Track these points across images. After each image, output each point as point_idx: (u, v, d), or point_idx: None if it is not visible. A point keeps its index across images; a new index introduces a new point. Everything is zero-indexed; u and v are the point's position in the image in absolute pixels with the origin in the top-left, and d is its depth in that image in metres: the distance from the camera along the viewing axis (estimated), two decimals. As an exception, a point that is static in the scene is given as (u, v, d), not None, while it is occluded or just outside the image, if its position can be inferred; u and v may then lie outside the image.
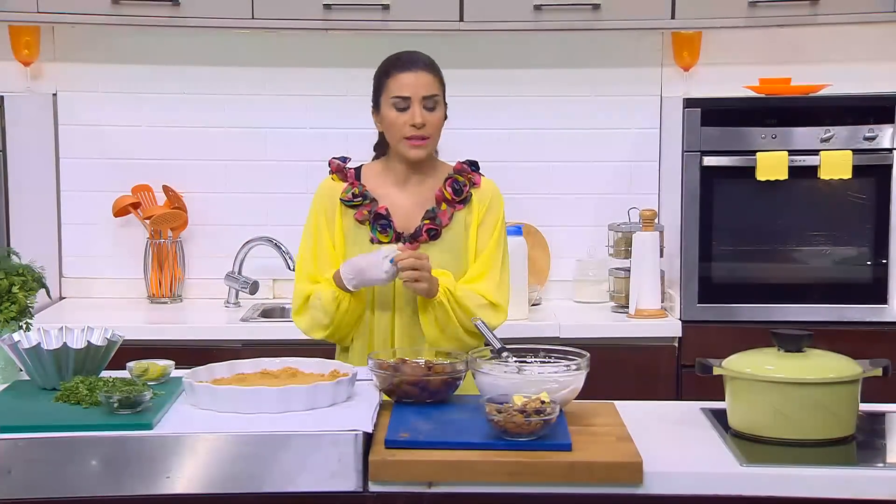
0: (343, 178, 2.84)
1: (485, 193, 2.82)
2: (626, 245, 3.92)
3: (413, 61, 2.76)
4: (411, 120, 2.72)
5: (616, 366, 3.55)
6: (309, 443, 2.11)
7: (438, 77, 2.78)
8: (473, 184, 2.82)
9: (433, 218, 2.78)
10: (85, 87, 4.13)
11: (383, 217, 2.77)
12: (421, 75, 2.74)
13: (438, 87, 2.77)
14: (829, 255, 3.75)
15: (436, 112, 2.75)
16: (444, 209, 2.79)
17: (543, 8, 3.75)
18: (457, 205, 2.80)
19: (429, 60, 2.79)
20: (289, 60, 4.14)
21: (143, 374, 2.47)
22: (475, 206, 2.81)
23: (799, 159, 3.65)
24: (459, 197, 2.80)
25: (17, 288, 2.65)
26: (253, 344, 3.62)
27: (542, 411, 2.15)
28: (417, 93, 2.72)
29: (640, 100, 4.14)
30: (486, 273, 2.77)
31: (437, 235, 2.78)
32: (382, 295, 2.76)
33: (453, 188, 2.80)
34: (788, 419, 2.27)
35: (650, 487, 2.10)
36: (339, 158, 2.88)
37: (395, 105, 2.74)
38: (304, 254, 2.81)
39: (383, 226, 2.77)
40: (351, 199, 2.80)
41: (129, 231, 4.17)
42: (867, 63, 4.04)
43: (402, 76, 2.74)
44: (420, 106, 2.72)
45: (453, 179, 2.81)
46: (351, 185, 2.81)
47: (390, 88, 2.75)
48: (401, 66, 2.76)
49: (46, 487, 2.09)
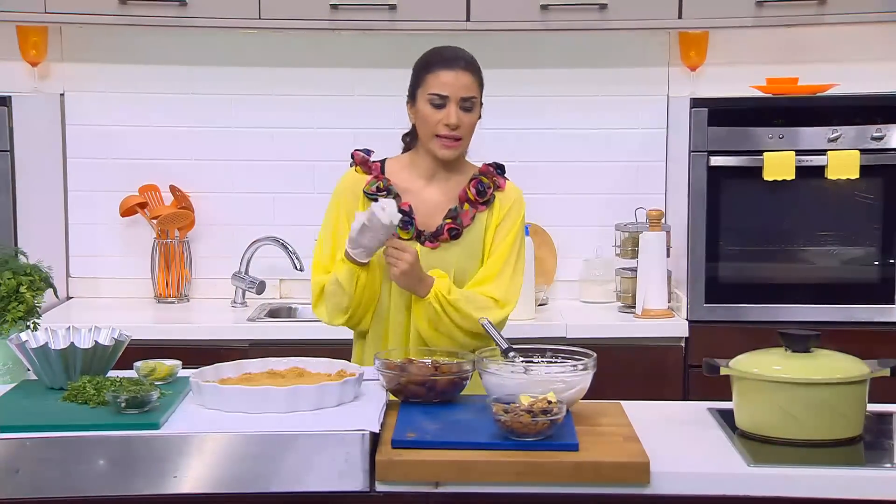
0: (367, 171, 2.81)
1: (507, 197, 2.80)
2: (632, 245, 3.92)
3: (455, 59, 2.72)
4: (446, 119, 2.69)
5: (623, 366, 3.55)
6: (316, 443, 2.11)
7: (478, 78, 2.75)
8: (498, 187, 2.80)
9: (455, 217, 2.76)
10: (92, 87, 4.14)
11: (406, 214, 2.75)
12: (461, 75, 2.70)
13: (477, 88, 2.74)
14: (836, 255, 3.75)
15: (472, 113, 2.72)
16: (466, 209, 2.77)
17: (550, 8, 3.75)
18: (479, 206, 2.78)
19: (471, 59, 2.76)
20: (296, 60, 4.14)
21: (150, 374, 2.47)
22: (496, 209, 2.78)
23: (806, 159, 3.64)
24: (483, 198, 2.77)
25: (24, 288, 2.65)
26: (260, 344, 3.62)
27: (548, 411, 2.15)
28: (456, 93, 2.69)
29: (646, 99, 4.14)
30: (494, 275, 2.74)
31: (458, 235, 2.76)
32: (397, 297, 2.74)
33: (477, 189, 2.77)
34: (796, 419, 2.26)
35: (657, 487, 2.10)
36: (362, 150, 2.84)
37: (432, 101, 2.71)
38: (322, 246, 2.79)
39: (405, 222, 2.74)
40: (375, 193, 2.77)
41: (137, 231, 4.18)
42: (875, 63, 4.03)
43: (443, 74, 2.70)
44: (457, 106, 2.69)
45: (478, 180, 2.79)
46: (375, 179, 2.79)
47: (429, 84, 2.71)
48: (442, 62, 2.72)
49: (54, 487, 2.09)
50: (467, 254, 2.76)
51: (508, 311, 2.74)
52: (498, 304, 2.72)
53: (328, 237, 2.78)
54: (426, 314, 2.67)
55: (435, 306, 2.64)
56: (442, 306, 2.64)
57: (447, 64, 2.71)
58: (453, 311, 2.65)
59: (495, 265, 2.75)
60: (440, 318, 2.66)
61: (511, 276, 2.76)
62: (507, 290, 2.74)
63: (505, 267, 2.75)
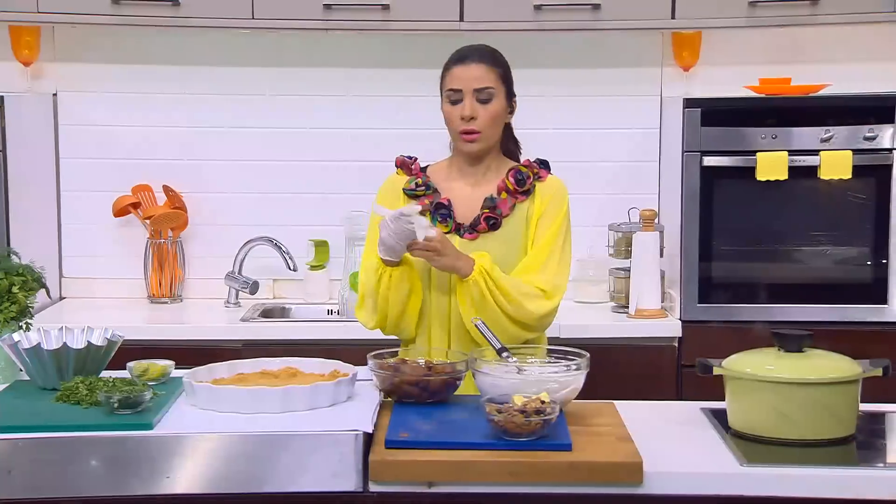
0: (408, 172, 2.82)
1: (549, 187, 2.78)
2: (626, 245, 3.92)
3: (468, 53, 2.74)
4: (462, 112, 2.70)
5: (616, 366, 3.54)
6: (309, 443, 2.11)
7: (495, 69, 2.72)
8: (539, 177, 2.79)
9: (493, 207, 2.74)
10: (85, 87, 4.13)
11: (444, 207, 2.75)
12: (472, 67, 2.70)
13: (495, 79, 2.72)
14: (829, 255, 3.75)
15: (490, 105, 2.71)
16: (504, 198, 2.75)
17: (544, 8, 3.75)
18: (518, 195, 2.75)
19: (486, 52, 2.75)
20: (289, 60, 4.14)
21: (143, 374, 2.47)
22: (538, 199, 2.76)
23: (799, 159, 3.65)
24: (522, 188, 2.75)
25: (17, 288, 2.65)
26: (253, 344, 3.62)
27: (542, 411, 2.15)
28: (469, 85, 2.69)
29: (640, 100, 4.14)
30: (539, 265, 2.70)
31: (496, 225, 2.74)
32: (440, 277, 2.71)
33: (516, 178, 2.76)
34: (788, 419, 2.27)
35: (650, 487, 2.10)
36: (405, 157, 2.86)
37: (449, 98, 2.72)
38: (368, 248, 2.77)
39: (444, 215, 2.74)
40: (414, 189, 2.78)
41: (130, 231, 4.17)
42: (867, 63, 4.03)
43: (455, 69, 2.72)
44: (472, 98, 2.69)
45: (516, 170, 2.77)
46: (415, 177, 2.80)
47: (445, 82, 2.74)
48: (455, 59, 2.74)
49: (47, 487, 2.09)
50: (508, 245, 2.73)
51: (556, 303, 2.70)
52: (546, 295, 2.67)
53: (372, 239, 2.76)
54: (470, 296, 2.62)
55: (480, 284, 2.60)
56: (486, 283, 2.60)
57: (459, 60, 2.73)
58: (498, 292, 2.60)
59: (540, 255, 2.71)
60: (485, 298, 2.60)
61: (557, 266, 2.72)
62: (554, 281, 2.70)
63: (550, 257, 2.71)
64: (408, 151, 2.90)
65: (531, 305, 2.65)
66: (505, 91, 2.75)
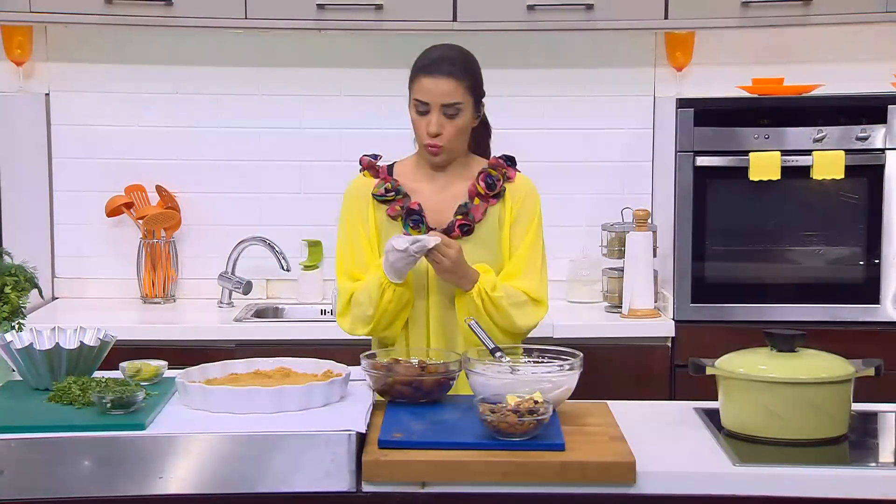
0: (375, 175, 2.81)
1: (519, 189, 2.78)
2: (619, 245, 3.92)
3: (439, 63, 2.68)
4: (427, 127, 2.69)
5: (609, 366, 3.55)
6: (302, 443, 2.11)
7: (464, 82, 2.69)
8: (507, 178, 2.78)
9: (466, 213, 2.74)
10: (78, 86, 4.12)
11: (416, 212, 2.74)
12: (442, 82, 2.66)
13: (463, 93, 2.68)
14: (821, 255, 3.76)
15: (457, 120, 2.69)
16: (476, 204, 2.75)
17: (537, 8, 3.75)
18: (490, 199, 2.76)
19: (456, 62, 2.70)
20: (282, 60, 4.14)
21: (135, 375, 2.46)
22: (508, 202, 2.77)
23: (792, 159, 3.66)
24: (493, 191, 2.75)
25: (9, 288, 2.64)
26: (246, 344, 3.62)
27: (535, 411, 2.15)
28: (437, 100, 2.67)
29: (633, 100, 4.14)
30: (524, 270, 2.73)
31: (469, 231, 2.74)
32: (417, 280, 2.71)
33: (486, 182, 2.75)
34: (781, 419, 2.27)
35: (643, 487, 2.10)
36: (369, 155, 2.84)
37: (416, 108, 2.71)
38: (342, 253, 2.77)
39: (416, 221, 2.74)
40: (383, 194, 2.76)
41: (122, 231, 4.17)
42: (860, 63, 4.04)
43: (424, 80, 2.68)
44: (439, 113, 2.68)
45: (486, 174, 2.77)
46: (383, 181, 2.78)
47: (414, 89, 2.71)
48: (426, 67, 2.69)
49: (39, 488, 2.09)
50: (482, 248, 2.73)
51: (545, 311, 2.75)
52: (535, 304, 2.72)
53: (345, 244, 2.77)
54: (467, 307, 2.67)
55: (476, 301, 2.65)
56: (483, 303, 2.65)
57: (429, 69, 2.68)
58: (493, 309, 2.65)
59: (522, 261, 2.74)
60: (480, 314, 2.65)
61: (540, 272, 2.75)
62: (541, 287, 2.74)
63: (532, 262, 2.74)
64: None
65: (522, 321, 2.70)
66: (473, 101, 2.73)
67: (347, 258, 2.75)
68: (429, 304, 2.74)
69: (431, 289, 2.73)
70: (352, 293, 2.71)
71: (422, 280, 2.73)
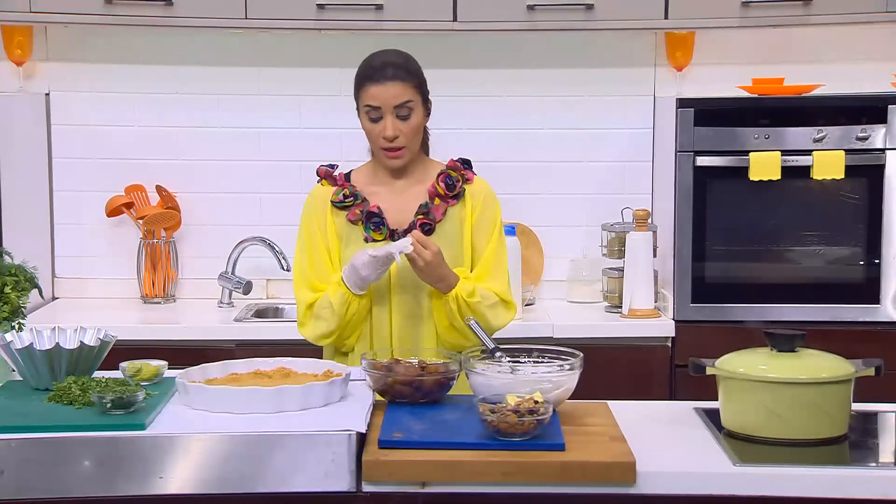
0: (332, 183, 2.83)
1: (478, 190, 2.82)
2: (619, 245, 3.92)
3: (382, 70, 2.71)
4: (383, 132, 2.71)
5: (609, 366, 3.55)
6: (302, 443, 2.11)
7: (411, 81, 2.72)
8: (466, 180, 2.82)
9: (426, 213, 2.77)
10: (78, 86, 4.12)
11: (376, 215, 2.76)
12: (389, 86, 2.69)
13: (412, 92, 2.71)
14: (821, 255, 3.76)
15: (410, 119, 2.72)
16: (437, 204, 2.78)
17: (537, 8, 3.75)
18: (450, 199, 2.79)
19: (400, 65, 2.72)
20: (282, 60, 4.14)
21: (136, 375, 2.46)
22: (468, 202, 2.80)
23: (792, 159, 3.66)
24: (452, 192, 2.79)
25: (9, 288, 2.64)
26: (246, 344, 3.62)
27: (535, 411, 2.15)
28: (388, 103, 2.69)
29: (633, 100, 4.14)
30: (492, 272, 2.77)
31: (431, 231, 2.76)
32: (379, 292, 2.75)
33: (446, 183, 2.78)
34: (781, 419, 2.27)
35: (643, 487, 2.10)
36: (326, 165, 2.87)
37: (368, 115, 2.73)
38: (301, 263, 2.79)
39: (376, 223, 2.76)
40: (342, 201, 2.79)
41: (123, 231, 4.17)
42: (860, 63, 4.04)
43: (372, 88, 2.70)
44: (392, 116, 2.70)
45: (446, 175, 2.80)
46: (341, 187, 2.81)
47: (362, 97, 2.74)
48: (370, 77, 2.72)
49: (39, 488, 2.09)
50: (444, 247, 2.74)
51: (514, 313, 2.80)
52: (507, 305, 2.77)
53: (304, 254, 2.79)
54: (444, 309, 2.71)
55: (451, 306, 2.69)
56: (459, 308, 2.68)
57: (374, 77, 2.71)
58: (469, 313, 2.67)
59: (488, 264, 2.78)
60: (455, 318, 2.70)
61: (505, 273, 2.80)
62: (509, 290, 2.79)
63: (498, 264, 2.79)
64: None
65: (496, 322, 2.74)
66: (422, 99, 2.75)
67: (307, 269, 2.77)
68: (391, 314, 2.76)
69: (394, 299, 2.76)
70: (310, 303, 2.73)
71: (382, 290, 2.75)
